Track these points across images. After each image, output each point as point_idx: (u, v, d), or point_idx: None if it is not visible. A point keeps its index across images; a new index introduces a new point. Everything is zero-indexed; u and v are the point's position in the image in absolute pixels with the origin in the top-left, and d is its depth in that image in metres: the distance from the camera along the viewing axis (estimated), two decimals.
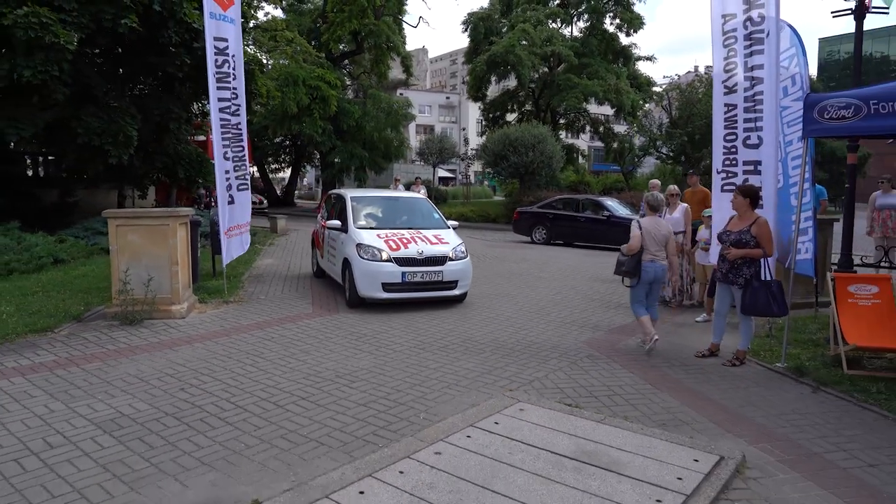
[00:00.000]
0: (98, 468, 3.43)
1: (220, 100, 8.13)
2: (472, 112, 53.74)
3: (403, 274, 7.46)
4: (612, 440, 3.83)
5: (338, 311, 7.67)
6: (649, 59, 35.57)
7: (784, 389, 5.05)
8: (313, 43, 29.41)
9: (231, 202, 8.52)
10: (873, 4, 6.20)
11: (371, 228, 8.13)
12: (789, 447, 3.91)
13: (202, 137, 19.34)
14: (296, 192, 36.31)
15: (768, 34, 5.73)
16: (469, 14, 35.29)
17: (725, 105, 6.02)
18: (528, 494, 3.14)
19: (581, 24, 34.67)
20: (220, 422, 4.11)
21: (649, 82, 34.61)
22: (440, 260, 7.70)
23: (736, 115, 5.94)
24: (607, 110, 34.39)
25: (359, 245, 7.62)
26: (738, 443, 3.93)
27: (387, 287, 7.42)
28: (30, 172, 19.25)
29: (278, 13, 30.21)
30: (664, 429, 4.12)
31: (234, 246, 8.63)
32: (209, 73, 7.99)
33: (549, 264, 12.32)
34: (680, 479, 3.34)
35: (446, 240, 8.07)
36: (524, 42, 30.03)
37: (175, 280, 6.86)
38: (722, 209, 6.09)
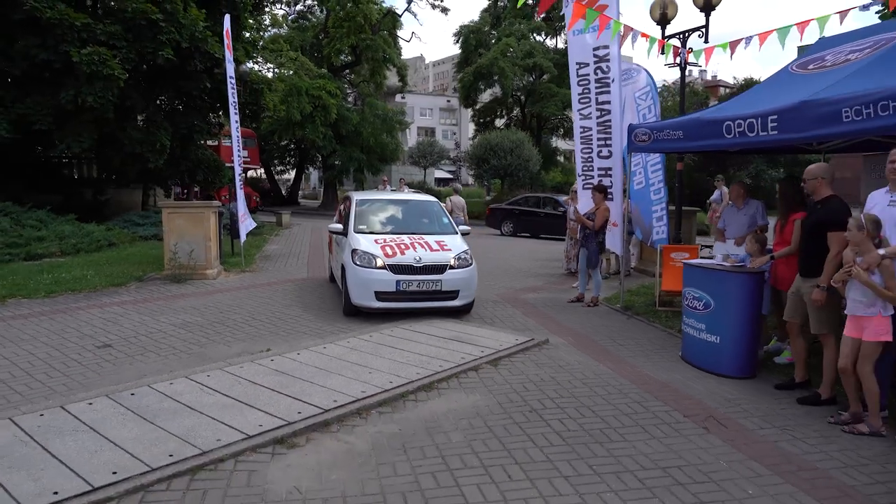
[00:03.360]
0: (179, 340, 6.18)
1: (235, 122, 10.89)
2: None
3: (398, 282, 7.01)
4: (474, 332, 6.56)
5: (324, 273, 10.41)
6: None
7: (609, 317, 7.76)
8: (315, 55, 32.24)
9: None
10: (689, 60, 8.84)
11: (370, 233, 7.84)
12: (581, 338, 6.62)
13: (214, 143, 22.13)
14: (300, 191, 39.04)
15: (613, 80, 8.42)
16: (460, 26, 38.09)
17: (582, 127, 8.73)
18: (413, 346, 5.87)
19: (564, 36, 37.36)
20: (245, 325, 6.87)
21: None
22: (439, 268, 7.21)
23: (591, 135, 8.64)
24: None
25: (354, 250, 7.28)
26: (551, 336, 6.63)
27: (380, 296, 7.03)
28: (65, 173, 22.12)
29: (283, 28, 32.93)
30: (513, 330, 6.83)
31: (245, 227, 11.33)
32: (229, 102, 10.74)
33: (500, 251, 15.05)
34: (500, 345, 6.06)
35: (449, 246, 7.57)
36: (509, 54, 32.78)
37: (209, 252, 9.64)
38: (586, 200, 8.79)
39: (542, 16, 36.41)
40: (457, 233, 8.28)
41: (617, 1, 8.17)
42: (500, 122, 38.93)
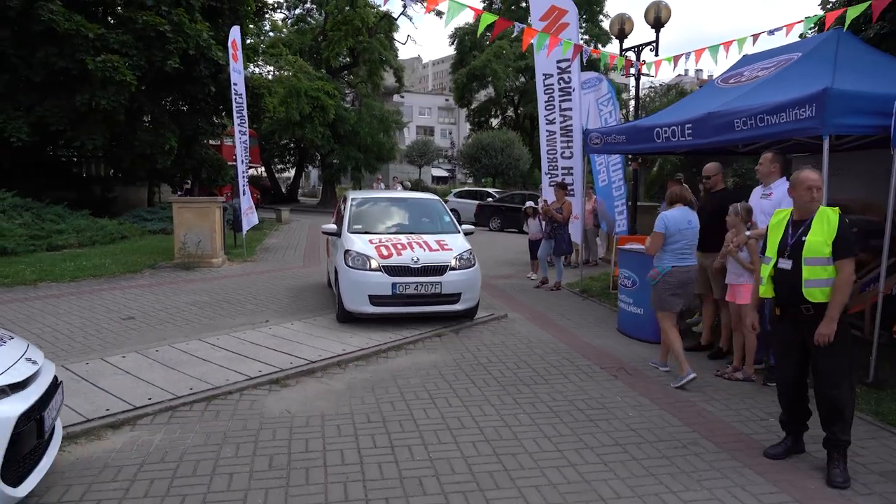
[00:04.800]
0: (192, 314, 7.26)
1: (237, 125, 11.97)
2: None
3: (394, 285, 6.53)
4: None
5: (319, 264, 11.48)
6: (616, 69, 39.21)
7: (567, 298, 8.82)
8: (314, 56, 33.26)
9: (244, 193, 12.38)
10: (643, 71, 9.89)
11: (365, 233, 7.36)
12: (536, 314, 7.68)
13: (216, 142, 23.21)
14: (300, 189, 40.07)
15: (574, 89, 9.47)
16: (456, 29, 39.10)
17: (547, 131, 9.79)
18: (390, 319, 6.94)
19: None
20: (247, 303, 7.94)
21: (618, 91, 38.32)
22: (439, 269, 6.69)
23: (555, 138, 9.71)
24: None
25: (347, 251, 6.81)
26: (510, 312, 7.69)
27: (374, 300, 6.53)
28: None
29: (283, 32, 33.98)
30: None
31: (248, 221, 12.45)
32: (233, 107, 11.81)
33: (484, 244, 16.10)
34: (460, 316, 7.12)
35: (449, 245, 7.09)
36: (502, 56, 33.78)
37: (214, 243, 10.71)
38: (549, 196, 9.85)
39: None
40: (459, 232, 7.80)
41: (576, 20, 9.24)
42: (495, 122, 39.98)
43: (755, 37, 7.19)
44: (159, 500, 3.14)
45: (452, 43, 39.21)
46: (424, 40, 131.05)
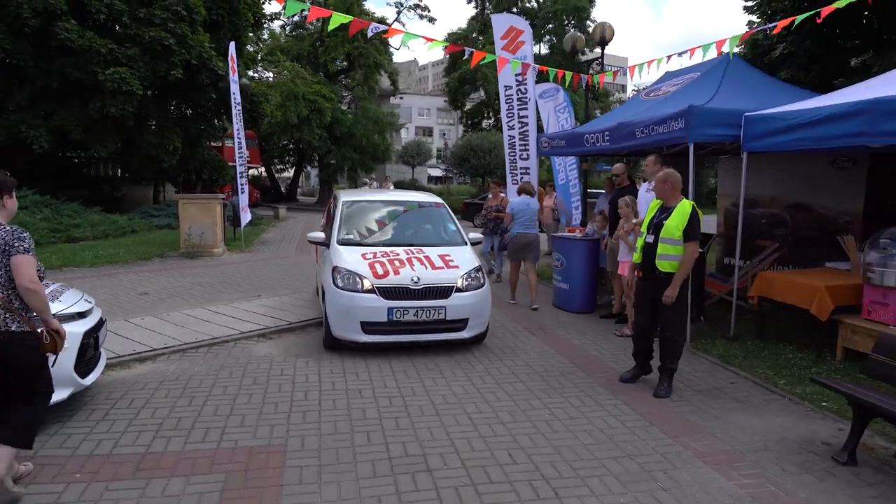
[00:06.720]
0: (196, 291, 8.63)
1: (236, 131, 13.36)
2: None
3: (390, 310, 5.61)
4: None
5: (310, 254, 12.83)
6: (604, 72, 40.50)
7: (519, 282, 10.16)
8: (312, 61, 34.69)
9: (242, 192, 13.78)
10: (592, 82, 11.23)
11: (357, 244, 6.42)
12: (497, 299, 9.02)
13: (217, 143, 24.61)
14: (298, 188, 41.47)
15: (530, 99, 10.82)
16: (448, 34, 40.46)
17: (508, 136, 11.14)
18: None
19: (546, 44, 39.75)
20: (244, 283, 9.32)
21: (607, 94, 39.67)
22: (443, 291, 5.78)
23: (514, 142, 11.06)
24: None
25: (335, 268, 5.89)
26: None
27: (367, 327, 5.64)
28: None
29: (281, 39, 35.42)
30: None
31: (245, 217, 13.86)
32: (233, 113, 13.19)
33: None
34: None
35: (456, 262, 6.14)
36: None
37: (216, 234, 12.09)
38: (512, 195, 11.20)
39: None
40: (466, 243, 6.76)
41: (531, 38, 10.60)
42: (491, 123, 41.32)
43: (668, 57, 8.53)
44: (175, 399, 4.51)
45: (445, 47, 40.51)
46: (420, 44, 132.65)
